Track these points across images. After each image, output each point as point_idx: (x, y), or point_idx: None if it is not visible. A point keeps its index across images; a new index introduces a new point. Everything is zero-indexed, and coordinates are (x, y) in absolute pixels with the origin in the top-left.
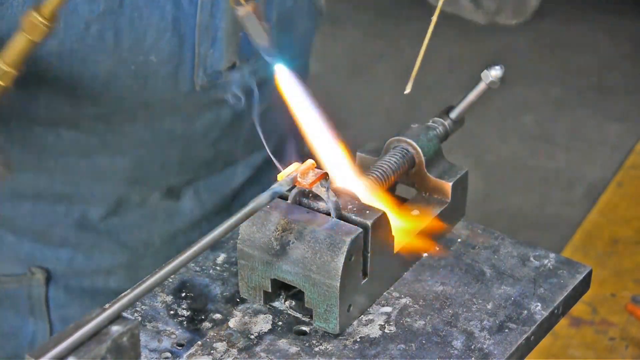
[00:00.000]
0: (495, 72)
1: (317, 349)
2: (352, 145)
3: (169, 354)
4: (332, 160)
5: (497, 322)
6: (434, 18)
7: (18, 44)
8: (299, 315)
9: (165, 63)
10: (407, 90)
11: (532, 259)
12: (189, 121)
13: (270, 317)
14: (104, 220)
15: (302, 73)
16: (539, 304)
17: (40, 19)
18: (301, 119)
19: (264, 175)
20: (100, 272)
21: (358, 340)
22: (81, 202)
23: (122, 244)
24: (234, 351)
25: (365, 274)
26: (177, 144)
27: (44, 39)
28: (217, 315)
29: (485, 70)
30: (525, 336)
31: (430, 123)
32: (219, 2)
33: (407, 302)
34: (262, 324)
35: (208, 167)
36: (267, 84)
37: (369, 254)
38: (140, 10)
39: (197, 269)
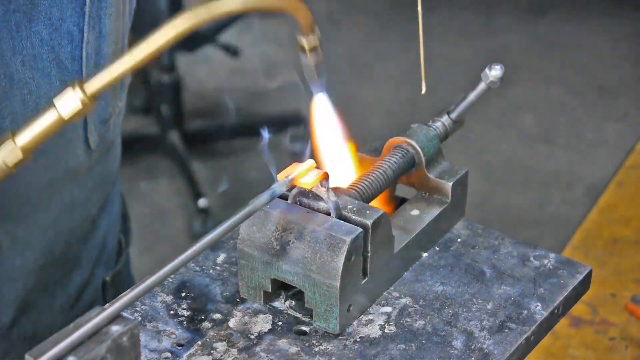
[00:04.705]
0: (495, 72)
1: (317, 349)
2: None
3: (169, 354)
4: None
5: (497, 322)
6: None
7: (45, 124)
8: (299, 315)
9: (61, 132)
10: (423, 90)
11: (532, 259)
12: (85, 189)
13: (270, 317)
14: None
15: None
16: (539, 304)
17: (83, 96)
18: (325, 141)
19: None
20: None
21: (358, 340)
22: None
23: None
24: (234, 351)
25: (365, 274)
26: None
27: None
28: (217, 315)
29: (485, 70)
30: (525, 336)
31: (430, 123)
32: (102, 48)
33: (407, 302)
34: (262, 324)
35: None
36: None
37: (369, 254)
38: (28, 86)
39: (197, 269)
